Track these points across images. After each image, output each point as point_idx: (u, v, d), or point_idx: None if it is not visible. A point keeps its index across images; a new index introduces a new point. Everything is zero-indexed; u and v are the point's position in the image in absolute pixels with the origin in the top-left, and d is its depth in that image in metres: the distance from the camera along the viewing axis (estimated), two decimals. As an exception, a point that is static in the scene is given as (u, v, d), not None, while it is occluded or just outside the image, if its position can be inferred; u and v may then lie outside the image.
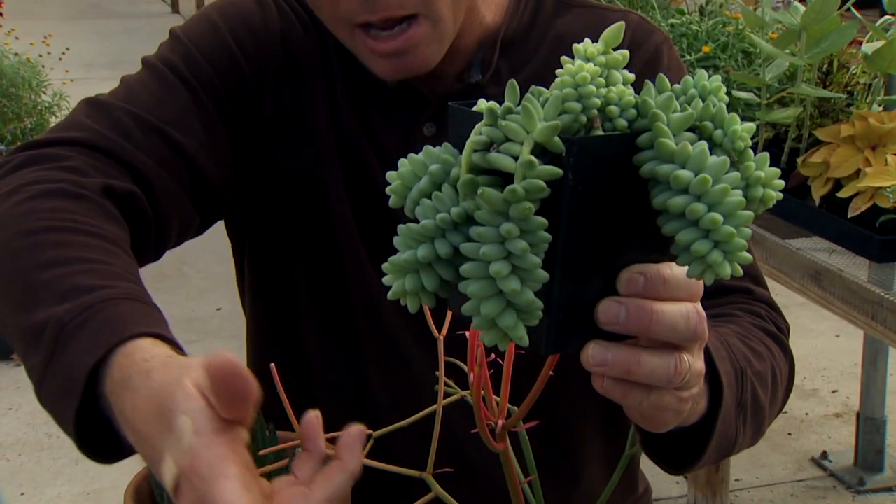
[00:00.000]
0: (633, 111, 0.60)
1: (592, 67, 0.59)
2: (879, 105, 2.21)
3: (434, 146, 1.02)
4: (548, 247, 0.58)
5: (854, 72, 2.37)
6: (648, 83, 0.61)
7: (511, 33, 1.07)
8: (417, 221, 0.60)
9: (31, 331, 0.77)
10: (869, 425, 2.88)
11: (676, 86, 0.62)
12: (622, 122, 0.60)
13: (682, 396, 0.68)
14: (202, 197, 1.01)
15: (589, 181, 0.59)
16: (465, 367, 0.79)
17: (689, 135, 0.59)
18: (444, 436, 0.80)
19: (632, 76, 0.62)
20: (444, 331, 0.80)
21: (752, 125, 0.59)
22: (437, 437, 0.78)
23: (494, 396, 0.75)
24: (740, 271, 0.58)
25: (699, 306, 0.65)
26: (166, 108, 1.00)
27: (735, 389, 0.80)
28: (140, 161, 0.95)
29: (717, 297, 0.99)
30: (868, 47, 2.20)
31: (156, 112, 0.99)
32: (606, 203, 0.60)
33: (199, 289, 4.11)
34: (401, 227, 0.60)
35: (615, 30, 0.62)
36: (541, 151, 0.58)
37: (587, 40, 0.61)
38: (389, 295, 0.61)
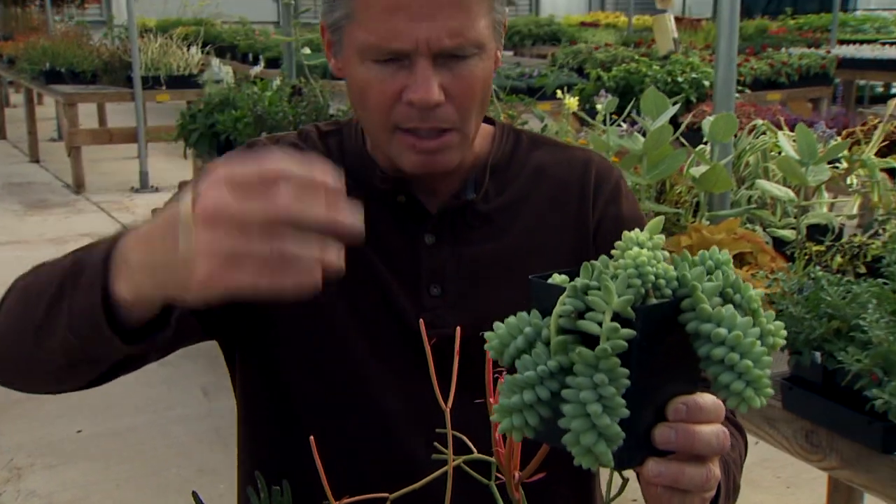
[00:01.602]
0: (675, 282, 0.77)
1: (646, 252, 0.76)
2: (707, 219, 2.51)
3: (434, 254, 1.23)
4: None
5: (680, 190, 2.68)
6: (678, 260, 0.79)
7: (496, 161, 1.28)
8: (510, 369, 0.75)
9: (52, 298, 0.95)
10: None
11: (696, 258, 0.80)
12: (668, 291, 0.77)
13: (704, 497, 0.85)
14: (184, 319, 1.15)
15: (650, 337, 0.75)
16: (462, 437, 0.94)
17: (717, 299, 0.77)
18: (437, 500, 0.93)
19: (667, 254, 0.79)
20: (450, 403, 0.92)
21: (761, 290, 0.78)
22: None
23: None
24: (766, 402, 0.75)
25: (723, 426, 0.83)
26: None
27: (726, 482, 0.99)
28: None
29: None
30: (695, 171, 2.52)
31: None
32: (661, 352, 0.77)
33: (52, 413, 4.03)
34: (506, 378, 0.75)
35: (657, 222, 0.80)
36: (614, 317, 0.74)
37: (636, 230, 0.79)
38: (499, 430, 0.75)
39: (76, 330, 0.92)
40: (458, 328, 0.95)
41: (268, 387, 1.24)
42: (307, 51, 5.11)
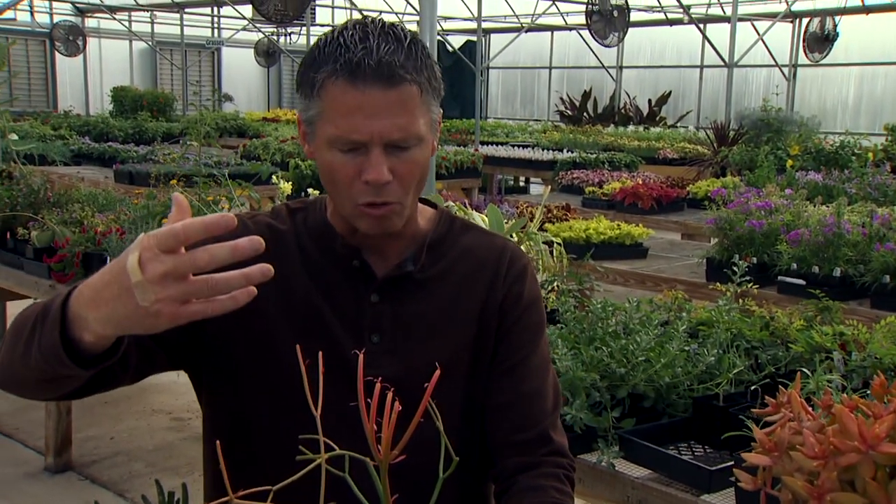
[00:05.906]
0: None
1: None
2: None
3: (377, 310, 1.55)
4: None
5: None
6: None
7: (433, 239, 1.55)
8: None
9: (29, 333, 1.21)
10: None
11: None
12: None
13: None
14: (151, 351, 1.38)
15: None
16: None
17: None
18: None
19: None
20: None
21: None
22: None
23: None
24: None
25: None
26: None
27: None
28: None
29: (534, 447, 1.49)
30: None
31: None
32: None
33: None
34: None
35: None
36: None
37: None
38: None
39: (47, 359, 1.18)
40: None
41: (229, 411, 1.48)
42: (15, 137, 5.03)
